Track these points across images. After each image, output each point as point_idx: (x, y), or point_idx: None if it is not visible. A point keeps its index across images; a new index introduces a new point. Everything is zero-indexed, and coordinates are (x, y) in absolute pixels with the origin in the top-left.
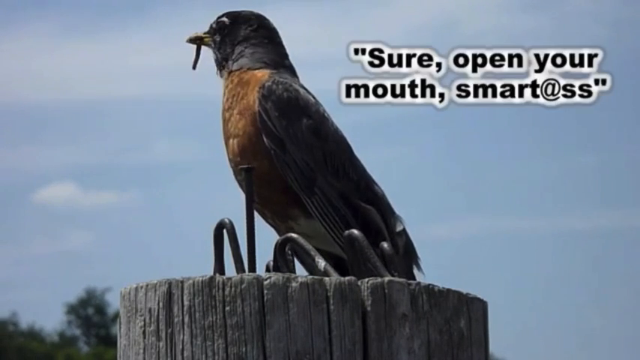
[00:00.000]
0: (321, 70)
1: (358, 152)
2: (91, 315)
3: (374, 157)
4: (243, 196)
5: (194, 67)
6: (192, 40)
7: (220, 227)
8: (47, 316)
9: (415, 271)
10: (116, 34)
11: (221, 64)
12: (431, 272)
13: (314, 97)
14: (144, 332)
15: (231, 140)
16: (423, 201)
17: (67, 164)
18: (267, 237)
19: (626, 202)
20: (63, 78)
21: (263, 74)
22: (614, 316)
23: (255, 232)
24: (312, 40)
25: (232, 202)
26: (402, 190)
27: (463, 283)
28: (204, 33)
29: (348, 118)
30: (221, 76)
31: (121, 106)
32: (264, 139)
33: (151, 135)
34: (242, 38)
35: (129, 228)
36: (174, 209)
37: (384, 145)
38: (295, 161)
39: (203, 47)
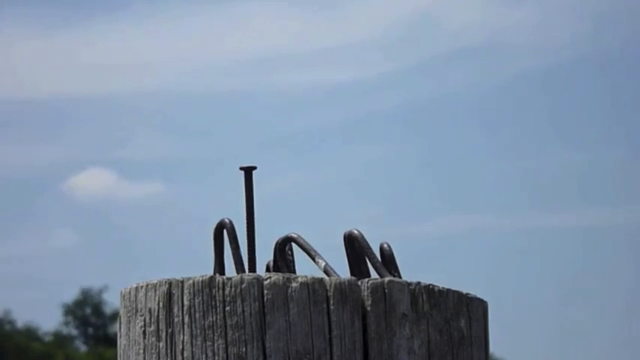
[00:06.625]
0: (304, 65)
1: (345, 150)
2: (89, 314)
3: (361, 155)
4: (243, 195)
5: None
6: None
7: (220, 227)
8: (44, 316)
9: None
10: (110, 30)
11: None
12: (431, 272)
13: None
14: (144, 332)
15: None
16: (419, 199)
17: (65, 162)
18: (267, 237)
19: (625, 200)
20: (50, 73)
21: None
22: (614, 315)
23: (255, 232)
24: (290, 35)
25: (232, 202)
26: (397, 188)
27: (463, 283)
28: None
29: (333, 117)
30: None
31: (119, 103)
32: None
33: (150, 133)
34: None
35: (129, 227)
36: (174, 209)
37: (370, 143)
38: None
39: None
